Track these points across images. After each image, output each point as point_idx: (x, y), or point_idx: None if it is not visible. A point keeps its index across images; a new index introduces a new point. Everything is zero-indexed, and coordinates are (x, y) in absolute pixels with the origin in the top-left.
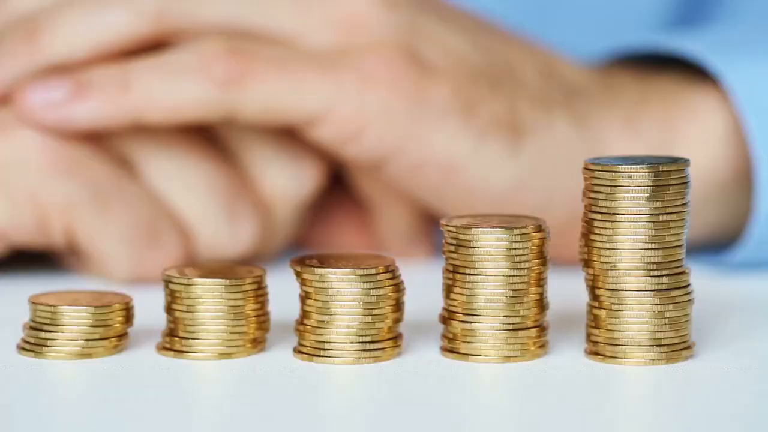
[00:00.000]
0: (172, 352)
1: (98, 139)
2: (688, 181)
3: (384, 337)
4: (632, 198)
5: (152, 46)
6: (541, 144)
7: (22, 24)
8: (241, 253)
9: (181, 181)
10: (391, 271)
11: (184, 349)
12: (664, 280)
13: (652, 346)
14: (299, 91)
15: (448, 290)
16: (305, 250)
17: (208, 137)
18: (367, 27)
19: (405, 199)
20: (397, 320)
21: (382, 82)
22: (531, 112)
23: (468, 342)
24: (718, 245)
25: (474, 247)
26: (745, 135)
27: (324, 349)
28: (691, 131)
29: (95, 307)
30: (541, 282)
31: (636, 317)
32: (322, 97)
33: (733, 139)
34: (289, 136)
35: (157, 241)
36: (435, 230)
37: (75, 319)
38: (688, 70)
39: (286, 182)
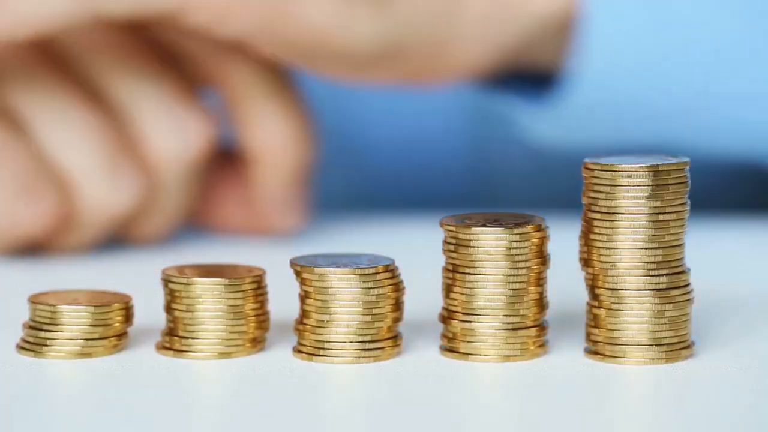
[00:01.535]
0: (171, 352)
1: None
2: (688, 181)
3: (383, 337)
4: (632, 197)
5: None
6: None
7: None
8: (124, 209)
9: (64, 133)
10: (391, 271)
11: (184, 348)
12: (664, 279)
13: (652, 345)
14: None
15: (448, 290)
16: (196, 229)
17: (93, 91)
18: None
19: (274, 153)
20: (397, 320)
21: None
22: None
23: (468, 341)
24: (542, 81)
25: (474, 247)
26: None
27: (323, 349)
28: None
29: (95, 306)
30: (540, 281)
31: (636, 317)
32: None
33: None
34: (176, 96)
35: (34, 196)
36: (306, 194)
37: (74, 319)
38: None
39: (171, 142)
